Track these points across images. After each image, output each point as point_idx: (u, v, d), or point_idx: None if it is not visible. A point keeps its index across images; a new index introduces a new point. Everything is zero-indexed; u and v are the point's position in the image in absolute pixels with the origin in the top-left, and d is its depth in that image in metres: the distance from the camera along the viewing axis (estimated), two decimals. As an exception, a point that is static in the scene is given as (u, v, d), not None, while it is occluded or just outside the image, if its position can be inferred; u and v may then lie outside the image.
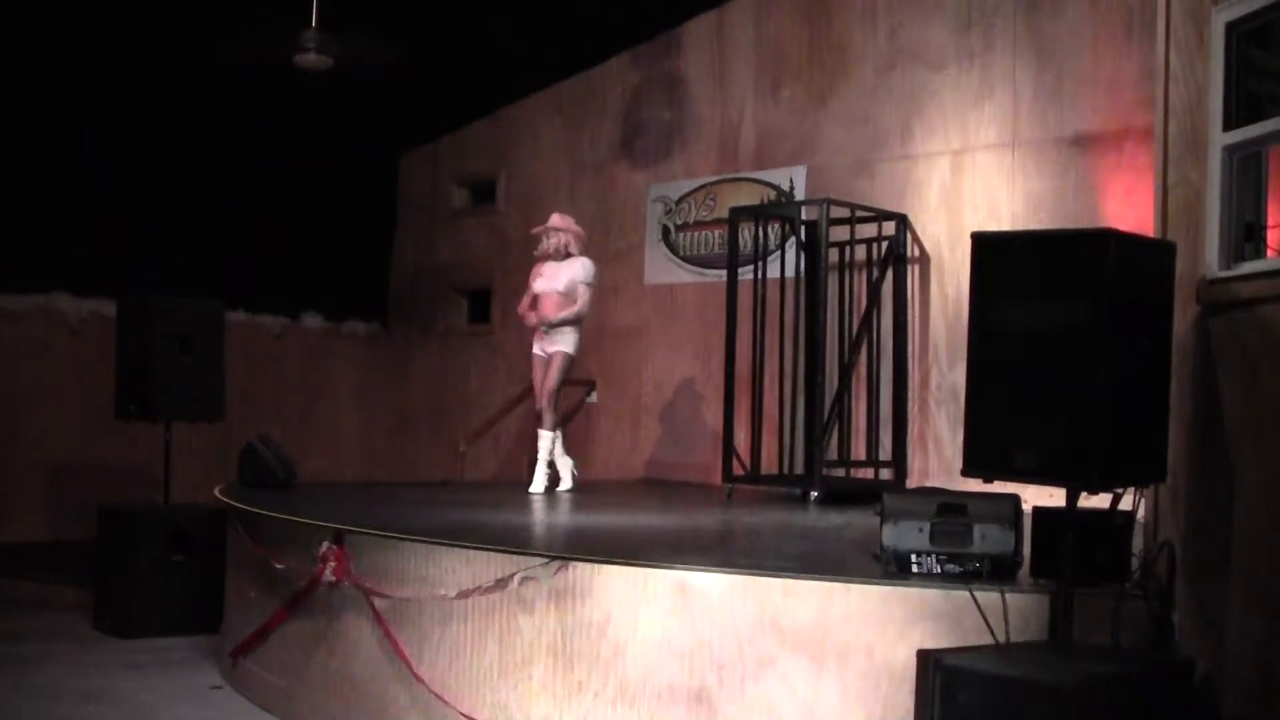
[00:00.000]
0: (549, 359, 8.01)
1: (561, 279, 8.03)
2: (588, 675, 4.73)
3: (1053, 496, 3.85)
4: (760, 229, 8.78)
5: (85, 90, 9.40)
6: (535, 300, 8.06)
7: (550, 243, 8.10)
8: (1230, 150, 3.83)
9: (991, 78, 8.18)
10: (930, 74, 8.49)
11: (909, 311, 8.41)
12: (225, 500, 6.86)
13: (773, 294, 8.58)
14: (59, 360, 9.81)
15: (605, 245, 10.36)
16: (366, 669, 5.40)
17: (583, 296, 8.01)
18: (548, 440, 8.01)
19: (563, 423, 8.46)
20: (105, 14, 8.48)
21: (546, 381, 7.99)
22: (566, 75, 10.58)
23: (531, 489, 7.91)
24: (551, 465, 8.09)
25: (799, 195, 9.09)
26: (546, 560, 4.83)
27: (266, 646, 5.99)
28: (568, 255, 8.07)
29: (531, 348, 8.12)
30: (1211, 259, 3.86)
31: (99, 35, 8.79)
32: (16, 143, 9.34)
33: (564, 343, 8.00)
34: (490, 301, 11.26)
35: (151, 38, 8.88)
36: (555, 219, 8.21)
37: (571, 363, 8.08)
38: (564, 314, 7.96)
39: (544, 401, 8.01)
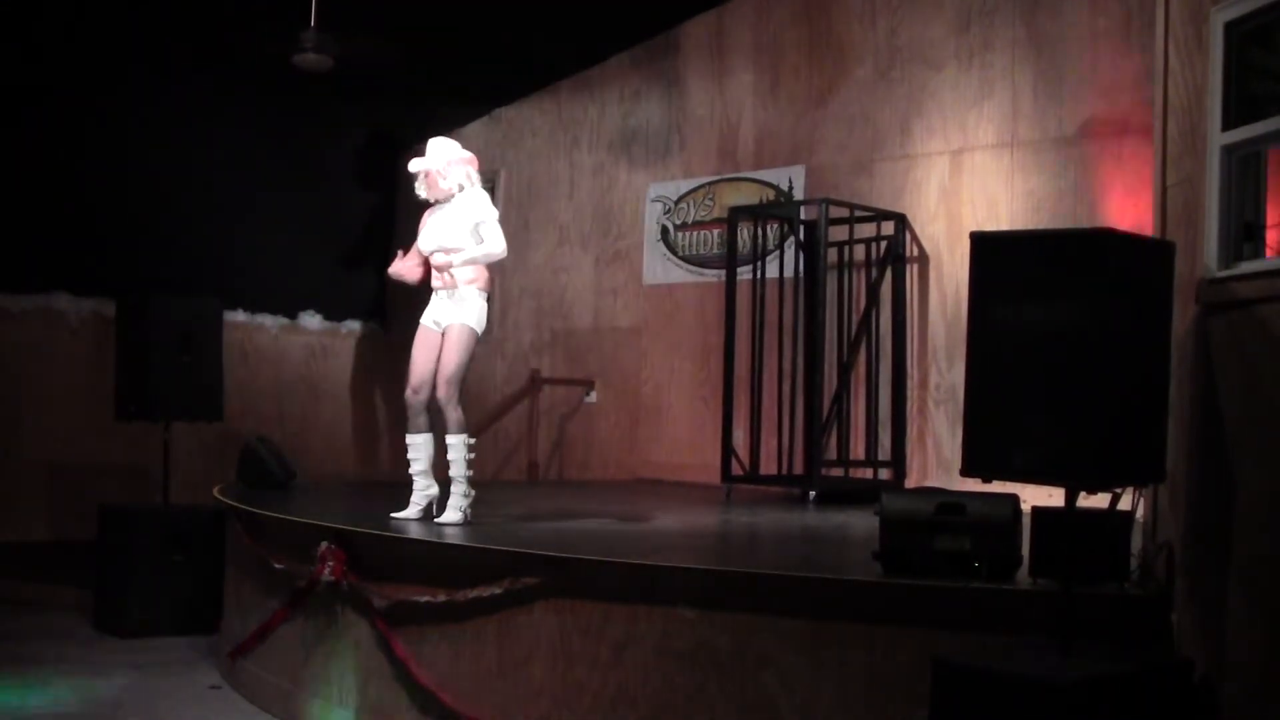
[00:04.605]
0: (438, 334, 6.08)
1: (450, 227, 6.11)
2: (588, 675, 4.74)
3: (1052, 496, 3.85)
4: (759, 229, 8.78)
5: (84, 90, 9.40)
6: (424, 262, 6.29)
7: (436, 185, 6.22)
8: (1229, 150, 3.83)
9: (991, 77, 8.18)
10: (929, 74, 8.49)
11: (908, 311, 8.41)
12: (225, 500, 6.87)
13: (771, 294, 8.58)
14: (59, 360, 9.80)
15: (605, 245, 10.38)
16: (366, 669, 5.40)
17: (490, 234, 6.03)
18: (461, 446, 5.96)
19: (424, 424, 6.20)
20: (104, 14, 8.48)
21: (445, 366, 5.96)
22: (566, 75, 10.58)
23: (445, 518, 5.94)
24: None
25: (798, 195, 9.09)
26: None
27: (265, 646, 5.99)
28: (455, 192, 6.21)
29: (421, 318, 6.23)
30: (1210, 259, 3.85)
31: (98, 35, 8.79)
32: (16, 143, 9.34)
33: (465, 311, 6.05)
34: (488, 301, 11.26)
35: (151, 37, 8.88)
36: (441, 147, 6.31)
37: (475, 340, 6.08)
38: (471, 252, 6.01)
39: (443, 391, 5.94)
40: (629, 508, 7.37)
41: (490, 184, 11.23)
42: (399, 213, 11.94)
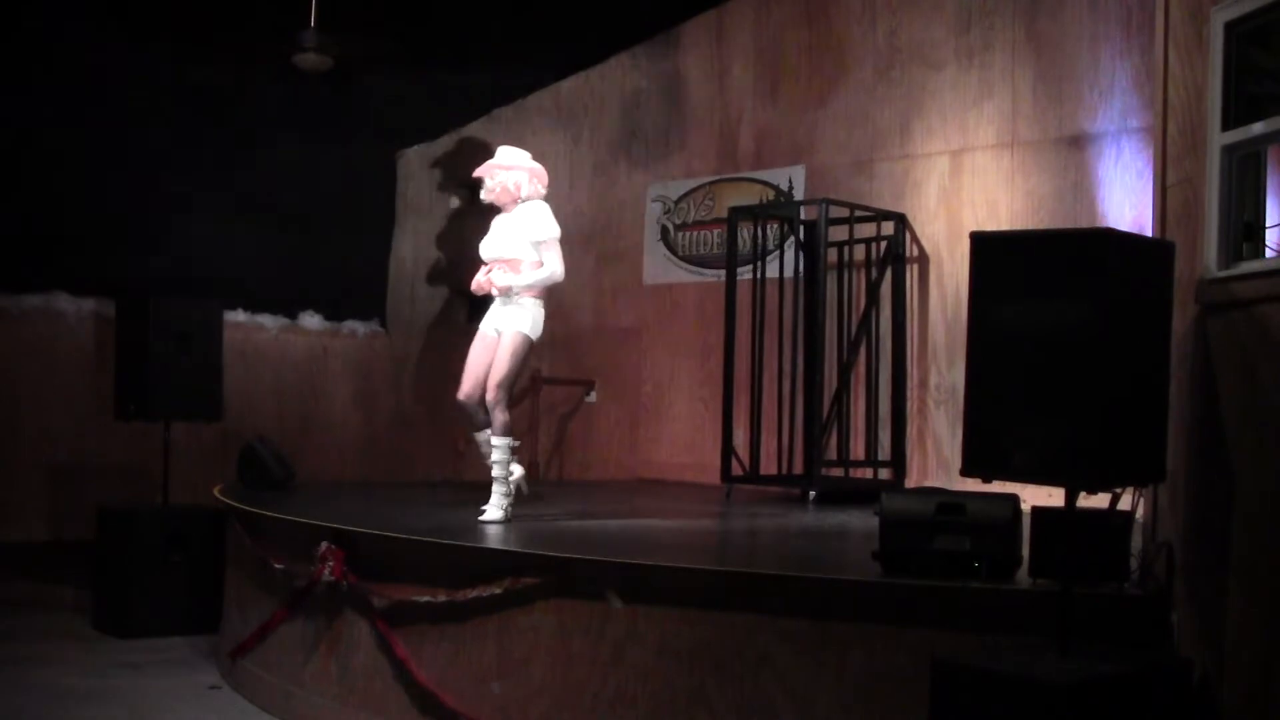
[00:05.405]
0: (496, 339, 6.23)
1: (509, 237, 6.27)
2: (588, 675, 4.74)
3: (1051, 496, 3.85)
4: (759, 229, 8.78)
5: (84, 89, 9.40)
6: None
7: (493, 186, 6.39)
8: (1229, 150, 3.83)
9: (991, 77, 8.18)
10: (929, 74, 8.49)
11: (908, 311, 8.41)
12: (224, 500, 6.87)
13: (771, 294, 8.58)
14: (59, 360, 9.79)
15: (605, 245, 10.38)
16: (365, 669, 5.41)
17: (550, 258, 6.21)
18: (504, 449, 6.15)
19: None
20: (104, 13, 8.48)
21: (495, 369, 6.11)
22: (566, 75, 10.58)
23: (487, 515, 6.11)
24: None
25: (798, 195, 9.10)
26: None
27: (265, 646, 6.00)
28: (519, 201, 6.36)
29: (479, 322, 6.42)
30: (1210, 259, 3.86)
31: (98, 34, 8.79)
32: (15, 142, 9.34)
33: (520, 318, 6.17)
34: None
35: (151, 37, 8.88)
36: (499, 152, 6.50)
37: (530, 348, 6.24)
38: (528, 277, 6.17)
39: (492, 395, 6.10)
40: (629, 508, 7.37)
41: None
42: (399, 213, 11.96)
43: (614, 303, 10.23)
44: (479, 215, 11.32)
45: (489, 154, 10.44)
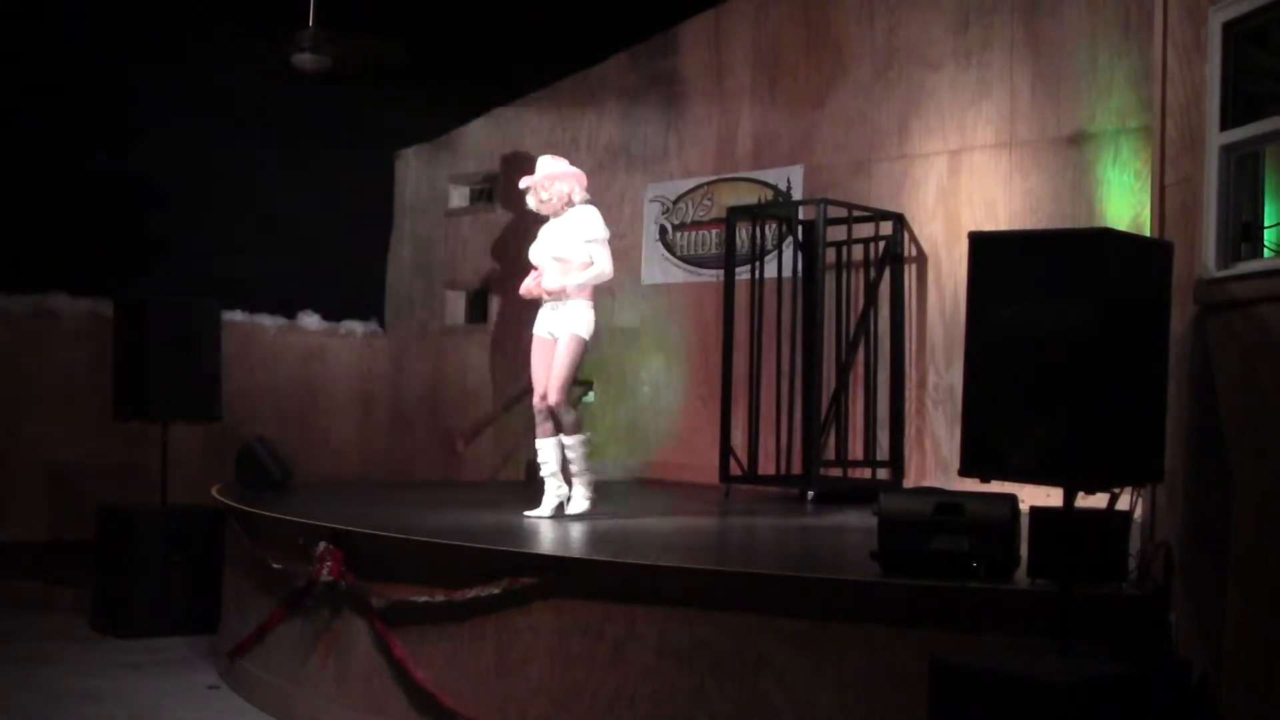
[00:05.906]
0: (553, 342, 6.44)
1: (561, 239, 6.47)
2: (586, 675, 4.74)
3: (1050, 496, 3.85)
4: (757, 229, 8.78)
5: (83, 90, 9.40)
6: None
7: (546, 198, 6.57)
8: (1228, 150, 3.83)
9: (989, 77, 8.18)
10: (928, 73, 8.50)
11: (906, 311, 8.42)
12: (223, 500, 6.87)
13: (770, 294, 8.58)
14: (57, 360, 9.80)
15: (603, 245, 10.37)
16: (364, 669, 5.41)
17: (599, 256, 6.40)
18: (579, 446, 6.44)
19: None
20: (104, 12, 8.48)
21: (556, 374, 6.35)
22: (564, 75, 10.57)
23: (538, 511, 6.42)
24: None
25: (796, 195, 9.09)
26: None
27: (264, 646, 6.00)
28: (569, 207, 6.56)
29: (533, 328, 6.63)
30: (1209, 259, 3.86)
31: (97, 33, 8.79)
32: (15, 142, 9.33)
33: (574, 320, 6.37)
34: (488, 301, 11.27)
35: (150, 36, 8.87)
36: (545, 163, 6.66)
37: (584, 348, 6.44)
38: (577, 277, 6.36)
39: (554, 398, 6.36)
40: (628, 507, 7.37)
41: (489, 184, 11.31)
42: (397, 213, 11.96)
43: (612, 303, 10.22)
44: (476, 215, 11.39)
45: (489, 153, 10.46)
